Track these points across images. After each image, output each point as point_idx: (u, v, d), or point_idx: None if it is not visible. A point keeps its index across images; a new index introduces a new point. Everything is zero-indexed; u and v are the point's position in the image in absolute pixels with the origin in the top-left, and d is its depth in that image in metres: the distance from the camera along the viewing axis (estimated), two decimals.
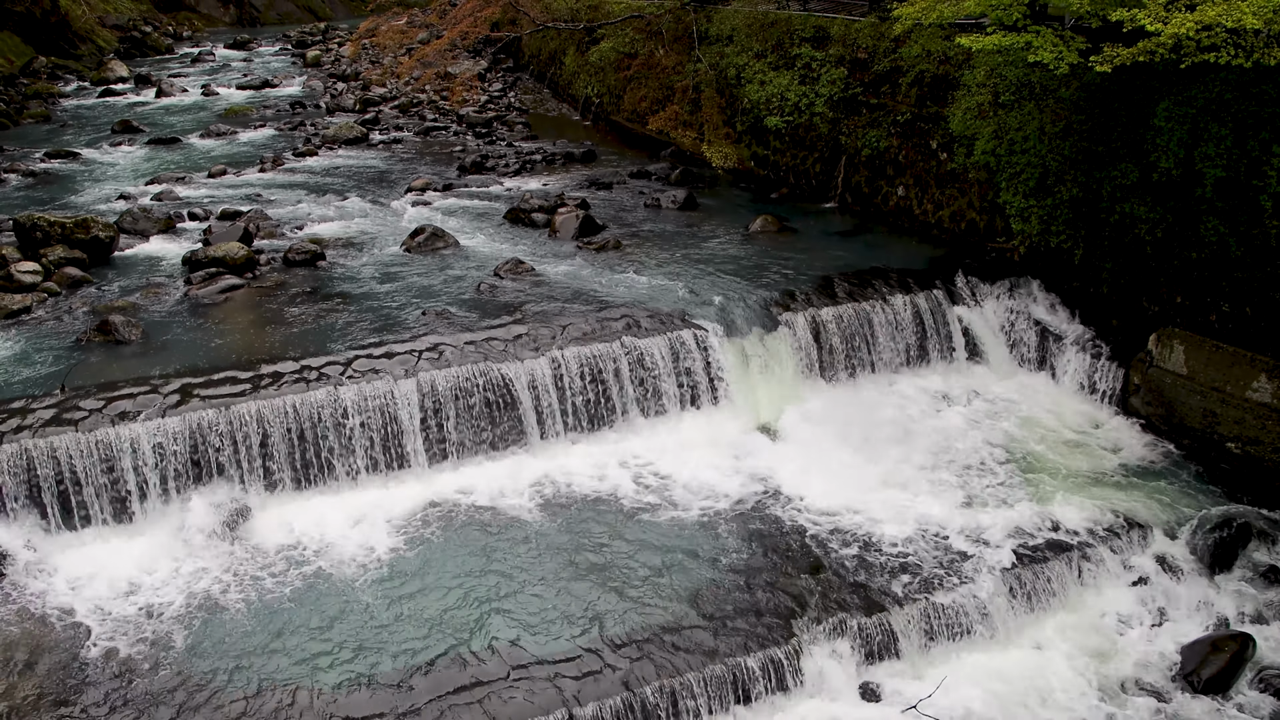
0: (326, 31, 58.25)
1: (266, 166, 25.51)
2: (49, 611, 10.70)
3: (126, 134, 29.77)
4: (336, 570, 11.49)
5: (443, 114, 33.53)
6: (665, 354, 14.58)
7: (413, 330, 14.51)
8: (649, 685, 9.81)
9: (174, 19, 62.02)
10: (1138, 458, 14.17)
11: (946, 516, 12.60)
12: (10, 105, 34.04)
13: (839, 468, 13.55)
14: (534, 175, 25.00)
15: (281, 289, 16.37)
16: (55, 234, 17.37)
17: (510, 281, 16.53)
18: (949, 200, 18.70)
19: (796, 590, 11.26)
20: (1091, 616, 11.69)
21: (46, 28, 45.72)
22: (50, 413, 12.11)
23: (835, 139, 21.49)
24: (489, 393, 13.62)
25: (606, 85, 30.91)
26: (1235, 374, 13.65)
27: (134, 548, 11.71)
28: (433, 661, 10.03)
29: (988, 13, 14.22)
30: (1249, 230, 13.34)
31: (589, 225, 19.51)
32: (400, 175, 24.76)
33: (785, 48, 22.54)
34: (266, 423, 12.51)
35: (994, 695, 10.58)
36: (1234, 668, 10.83)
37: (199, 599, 10.97)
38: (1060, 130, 15.38)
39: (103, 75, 41.10)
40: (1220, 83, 13.09)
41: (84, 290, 16.32)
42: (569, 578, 11.39)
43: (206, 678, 9.81)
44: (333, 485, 12.85)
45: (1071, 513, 12.72)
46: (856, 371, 15.74)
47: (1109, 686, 10.79)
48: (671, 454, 13.90)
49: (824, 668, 10.53)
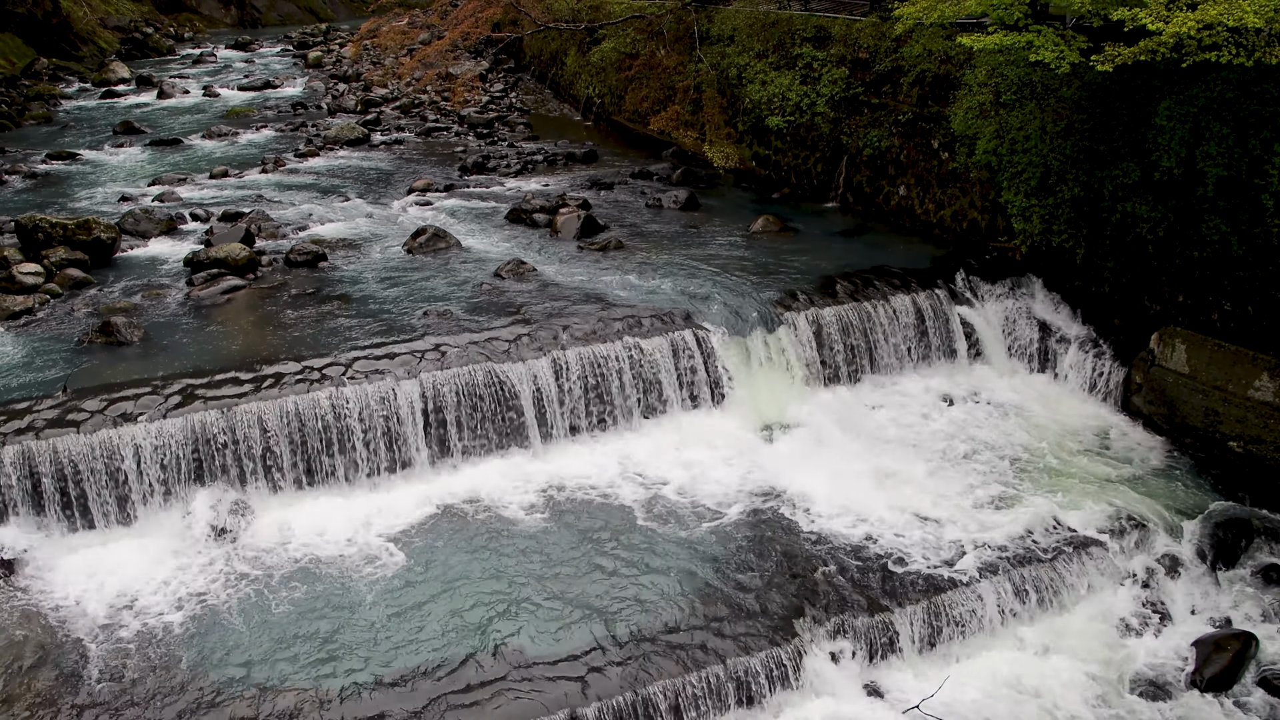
0: (328, 33, 58.26)
1: (268, 168, 25.52)
2: (50, 612, 10.70)
3: (128, 135, 29.79)
4: (338, 571, 11.49)
5: (444, 115, 33.54)
6: (667, 354, 14.58)
7: (414, 331, 14.51)
8: (652, 686, 9.81)
9: (175, 20, 62.07)
10: (1140, 457, 14.16)
11: (949, 516, 12.59)
12: (12, 107, 34.07)
13: (841, 467, 13.54)
14: (535, 175, 25.00)
15: (283, 290, 16.38)
16: (57, 235, 17.39)
17: (512, 282, 16.53)
18: (951, 200, 18.69)
19: (799, 590, 11.26)
20: (1094, 616, 11.68)
21: (48, 29, 45.76)
22: (52, 414, 12.12)
23: (837, 139, 21.48)
24: (491, 393, 13.62)
25: (608, 85, 30.91)
26: (1237, 373, 13.64)
27: (136, 549, 11.71)
28: (435, 663, 10.03)
29: (989, 12, 14.22)
30: (1250, 229, 13.32)
31: (591, 225, 19.51)
32: (402, 176, 24.77)
33: (786, 48, 22.54)
34: (268, 424, 12.52)
35: (996, 694, 10.58)
36: (1237, 666, 10.83)
37: (201, 601, 10.97)
38: (1062, 129, 15.37)
39: (104, 77, 41.14)
40: (1222, 82, 13.08)
41: (86, 291, 16.33)
42: (571, 578, 11.38)
43: (208, 680, 9.81)
44: (334, 486, 12.85)
45: (1074, 512, 12.71)
46: (858, 371, 15.74)
47: (1112, 686, 10.79)
48: (673, 454, 13.89)
49: (827, 668, 10.53)
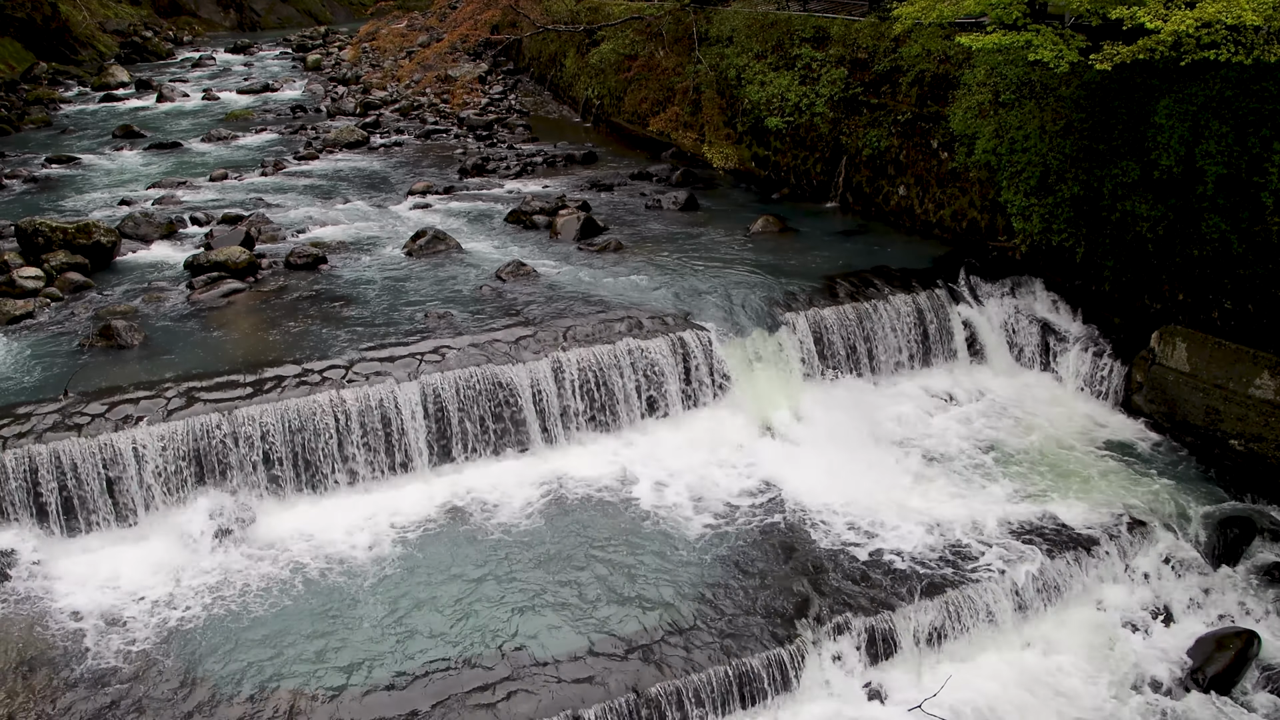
0: (327, 35, 58.37)
1: (268, 170, 25.54)
2: (52, 616, 10.69)
3: (128, 139, 29.81)
4: (340, 574, 11.48)
5: (443, 117, 33.57)
6: (667, 355, 14.58)
7: (415, 333, 14.51)
8: (654, 687, 9.80)
9: (174, 24, 62.16)
10: (1141, 456, 14.16)
11: (950, 516, 12.59)
12: (11, 111, 34.10)
13: (841, 467, 13.54)
14: (535, 177, 25.01)
15: (283, 293, 16.38)
16: (57, 239, 17.38)
17: (512, 284, 16.53)
18: (950, 199, 18.69)
19: (800, 590, 11.25)
20: (1096, 614, 11.68)
21: (47, 33, 45.81)
22: (53, 418, 12.12)
23: (836, 139, 21.48)
24: (492, 395, 13.62)
25: (607, 87, 30.93)
26: (1238, 371, 13.64)
27: (137, 552, 11.70)
28: (437, 664, 10.02)
29: (987, 11, 14.21)
30: (1250, 227, 13.32)
31: (590, 227, 19.51)
32: (401, 178, 24.79)
33: (785, 48, 22.54)
34: (269, 426, 12.52)
35: (999, 694, 10.57)
36: (1239, 665, 10.83)
37: (202, 603, 10.95)
38: (1061, 129, 15.37)
39: (103, 80, 41.17)
40: (1221, 80, 13.09)
41: (86, 295, 16.33)
42: (573, 580, 11.38)
43: (209, 683, 9.80)
44: (335, 488, 12.85)
45: (1075, 511, 12.71)
46: (859, 371, 15.73)
47: (1114, 684, 10.78)
48: (674, 454, 13.88)
49: (828, 668, 10.52)
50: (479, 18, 27.78)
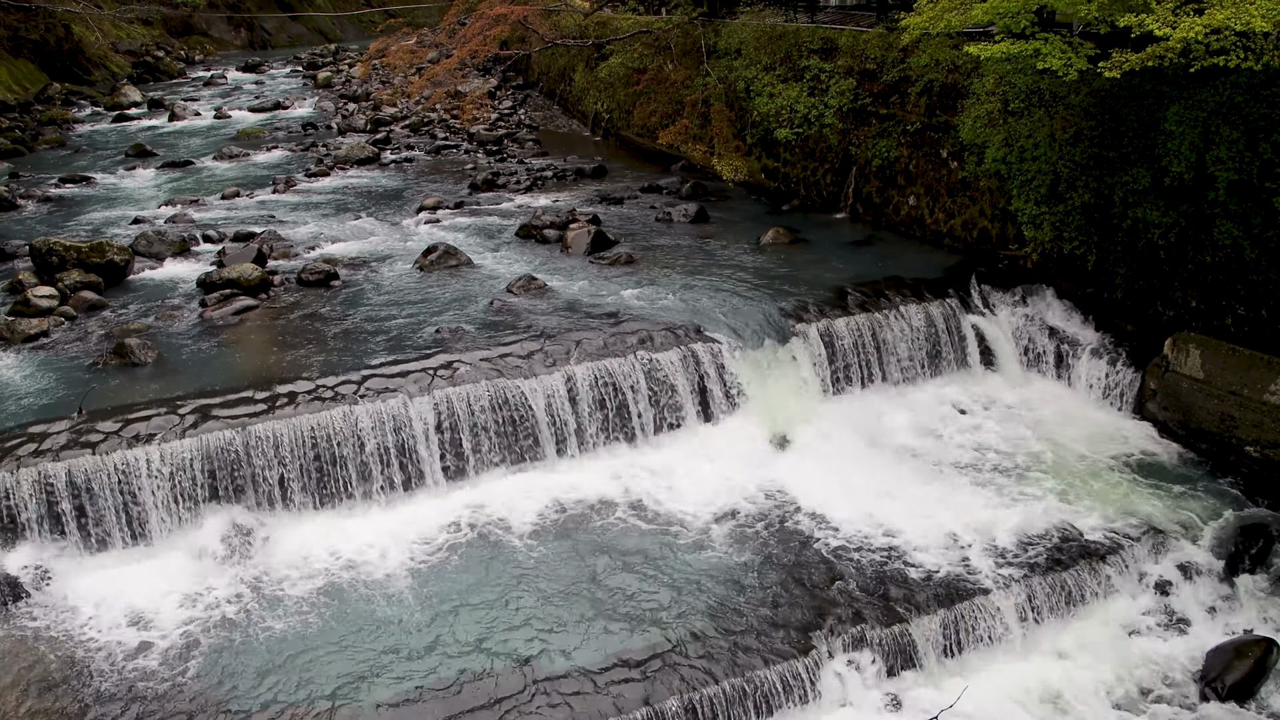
0: (337, 53, 58.74)
1: (279, 188, 25.68)
2: (66, 633, 10.72)
3: (140, 158, 30.03)
4: (354, 590, 11.49)
5: (453, 132, 33.72)
6: (679, 368, 14.58)
7: (427, 348, 14.54)
8: (670, 700, 9.78)
9: (186, 43, 62.63)
10: (1155, 463, 14.09)
11: (964, 525, 12.54)
12: (25, 132, 34.41)
13: (854, 478, 13.52)
14: (545, 191, 25.09)
15: (295, 309, 16.45)
16: (71, 258, 17.52)
17: (523, 298, 16.57)
18: (960, 209, 18.67)
19: (815, 602, 11.22)
20: (1112, 624, 11.61)
21: (60, 55, 46.24)
22: (68, 436, 12.17)
23: (845, 150, 21.50)
24: (504, 410, 13.63)
25: (616, 101, 31.02)
26: (1253, 377, 13.57)
27: (151, 569, 11.73)
28: (453, 679, 10.01)
29: (995, 21, 14.24)
30: (1263, 233, 13.28)
31: (601, 240, 19.54)
32: (412, 194, 24.89)
33: (794, 60, 22.59)
34: (282, 443, 12.55)
35: (1015, 704, 10.51)
36: (1258, 674, 10.74)
37: (215, 620, 10.98)
38: (1070, 136, 15.36)
39: (116, 100, 41.49)
40: (1230, 86, 13.07)
41: (100, 313, 16.43)
42: (588, 592, 11.37)
43: (223, 700, 9.81)
44: (349, 505, 12.86)
45: (1090, 519, 12.66)
46: (870, 381, 15.70)
47: (1131, 694, 10.71)
48: (688, 467, 13.87)
49: (845, 679, 10.49)
50: (488, 33, 27.89)
